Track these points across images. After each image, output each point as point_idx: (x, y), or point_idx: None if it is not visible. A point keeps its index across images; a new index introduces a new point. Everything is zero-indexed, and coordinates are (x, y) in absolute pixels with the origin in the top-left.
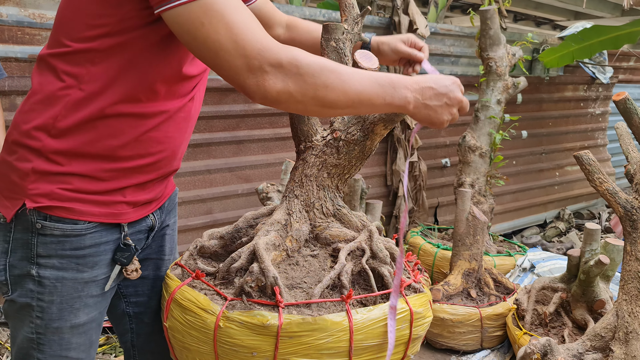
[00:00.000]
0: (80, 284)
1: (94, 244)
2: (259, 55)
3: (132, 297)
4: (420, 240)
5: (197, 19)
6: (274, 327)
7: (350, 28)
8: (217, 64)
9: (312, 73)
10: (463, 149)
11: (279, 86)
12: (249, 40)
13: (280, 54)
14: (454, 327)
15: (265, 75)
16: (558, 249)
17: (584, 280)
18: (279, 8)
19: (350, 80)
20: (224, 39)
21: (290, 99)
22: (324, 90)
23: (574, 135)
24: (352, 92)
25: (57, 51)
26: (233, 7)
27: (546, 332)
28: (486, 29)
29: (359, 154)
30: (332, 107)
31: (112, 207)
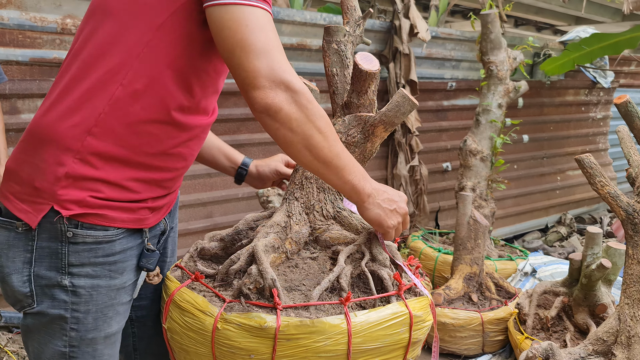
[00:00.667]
0: (113, 291)
1: (122, 250)
2: (283, 73)
3: (135, 301)
4: (422, 245)
5: (244, 20)
6: (272, 329)
7: (352, 30)
8: (241, 63)
9: (316, 113)
10: (464, 152)
11: (285, 107)
12: (279, 57)
13: (299, 83)
14: (455, 332)
15: (279, 92)
16: (560, 254)
17: (586, 284)
18: (279, 12)
19: (337, 142)
20: (261, 45)
21: (286, 124)
22: (317, 133)
23: (575, 140)
24: (335, 150)
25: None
26: (272, 29)
27: (548, 337)
28: (487, 32)
29: (359, 156)
30: (313, 152)
31: (137, 213)
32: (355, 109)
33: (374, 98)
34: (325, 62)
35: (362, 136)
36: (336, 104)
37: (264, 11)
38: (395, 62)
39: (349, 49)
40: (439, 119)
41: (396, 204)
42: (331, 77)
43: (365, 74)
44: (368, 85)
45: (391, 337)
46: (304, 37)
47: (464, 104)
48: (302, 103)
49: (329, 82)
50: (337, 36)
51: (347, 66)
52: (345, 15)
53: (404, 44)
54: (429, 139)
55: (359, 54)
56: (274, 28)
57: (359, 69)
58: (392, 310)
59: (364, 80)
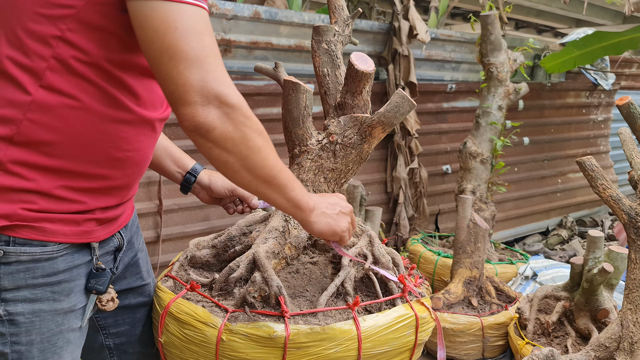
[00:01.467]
0: (59, 315)
1: (67, 268)
2: (218, 85)
3: (112, 328)
4: (421, 248)
5: (173, 21)
6: (281, 338)
7: (341, 30)
8: (169, 74)
9: (254, 130)
10: (464, 155)
11: (219, 126)
12: (215, 67)
13: (235, 96)
14: (455, 337)
15: (212, 108)
16: (560, 257)
17: (588, 289)
18: (277, 13)
19: (276, 160)
20: (193, 53)
21: (220, 143)
22: (256, 153)
23: (576, 142)
24: (277, 168)
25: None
26: (208, 30)
27: (549, 342)
28: (487, 34)
29: (356, 157)
30: (252, 172)
31: (83, 225)
32: (350, 109)
33: (369, 99)
34: (315, 62)
35: (359, 137)
36: (328, 104)
37: (198, 9)
38: (395, 64)
39: (339, 49)
40: (439, 121)
41: (339, 205)
42: (322, 77)
43: (360, 75)
44: (363, 86)
45: (399, 340)
46: (302, 39)
47: (463, 106)
48: (238, 120)
49: (319, 83)
50: (327, 36)
51: (338, 66)
52: (332, 14)
53: (403, 45)
54: (429, 142)
55: (354, 54)
56: (210, 31)
57: (354, 69)
58: (398, 312)
59: (359, 81)
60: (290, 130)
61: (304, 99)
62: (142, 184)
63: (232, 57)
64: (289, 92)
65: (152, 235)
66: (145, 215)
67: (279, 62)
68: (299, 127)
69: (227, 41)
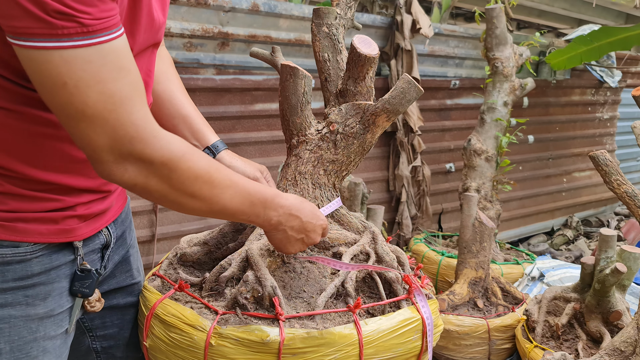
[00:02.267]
0: (33, 321)
1: (44, 270)
2: (130, 144)
3: (99, 331)
4: (424, 248)
5: (58, 76)
6: (275, 343)
7: (343, 13)
8: (73, 132)
9: (183, 181)
10: (468, 152)
11: (140, 181)
12: (124, 122)
13: (154, 152)
14: (460, 339)
15: (128, 165)
16: (566, 257)
17: (599, 290)
18: (276, 6)
19: (221, 194)
20: (92, 111)
21: (146, 195)
22: (188, 199)
23: (581, 141)
24: (217, 207)
25: None
26: (115, 70)
27: (558, 345)
28: (492, 28)
29: (358, 148)
30: (188, 212)
31: (62, 223)
32: (352, 97)
33: (372, 85)
34: (315, 47)
35: (362, 126)
36: (329, 92)
37: (96, 48)
38: (397, 59)
39: (340, 32)
40: (442, 118)
41: (306, 234)
42: (322, 63)
43: (364, 59)
44: (366, 71)
45: (404, 345)
46: (302, 33)
47: (467, 103)
48: (162, 174)
49: (319, 69)
50: (328, 19)
51: (340, 51)
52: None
53: (405, 40)
54: (432, 139)
55: (357, 36)
56: (116, 67)
57: (357, 53)
58: (403, 316)
59: (362, 66)
60: (288, 119)
61: (302, 85)
62: None
63: (230, 51)
64: (287, 78)
65: (147, 234)
66: (140, 214)
67: (276, 47)
68: (297, 116)
69: (225, 34)
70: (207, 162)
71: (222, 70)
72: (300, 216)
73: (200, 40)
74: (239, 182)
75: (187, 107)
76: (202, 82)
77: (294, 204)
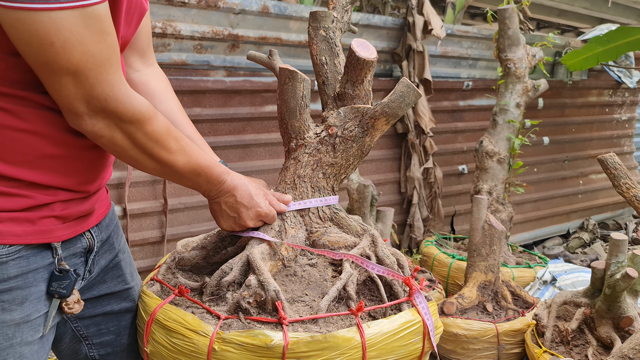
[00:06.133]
0: (10, 327)
1: (21, 273)
2: (105, 101)
3: (95, 338)
4: (435, 250)
5: (47, 36)
6: (279, 347)
7: (339, 16)
8: (52, 86)
9: (145, 141)
10: (480, 154)
11: (107, 134)
12: (102, 80)
13: (125, 110)
14: (468, 344)
15: (99, 119)
16: (582, 261)
17: (610, 295)
18: (287, 7)
19: (175, 161)
20: (74, 67)
21: (109, 148)
22: (145, 158)
23: (598, 142)
24: (168, 170)
25: None
26: (97, 32)
27: (568, 351)
28: (505, 28)
29: (357, 151)
30: (142, 169)
31: (39, 224)
32: (350, 100)
33: (370, 88)
34: (312, 50)
35: (361, 130)
36: (327, 95)
37: (80, 11)
38: (409, 61)
39: (337, 36)
40: (455, 120)
41: (238, 214)
42: (320, 66)
43: (362, 63)
44: (364, 75)
45: (405, 347)
46: None
47: (481, 104)
48: (128, 130)
49: (317, 72)
50: (325, 22)
51: (337, 54)
52: (330, 0)
53: (417, 41)
54: (444, 141)
55: (355, 40)
56: (101, 30)
57: (355, 56)
58: (405, 318)
59: (361, 69)
60: (287, 122)
61: (301, 89)
62: (147, 182)
63: (240, 53)
64: (286, 81)
65: (157, 235)
66: (150, 215)
67: (274, 50)
68: (296, 119)
69: (235, 36)
70: (168, 129)
71: (232, 72)
72: (235, 195)
73: (211, 43)
74: (192, 154)
75: (188, 128)
76: (213, 84)
77: (235, 184)
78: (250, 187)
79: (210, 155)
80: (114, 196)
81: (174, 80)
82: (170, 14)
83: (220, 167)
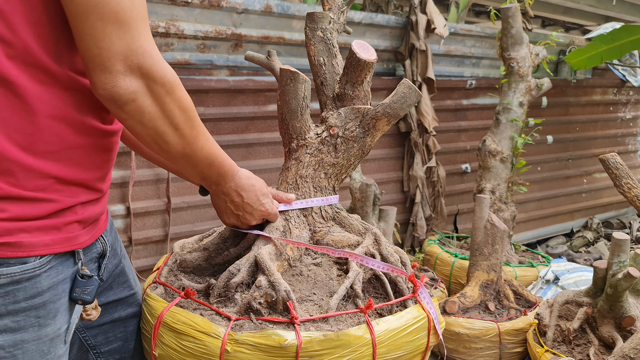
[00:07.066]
0: (45, 343)
1: (52, 285)
2: (143, 55)
3: (103, 347)
4: (438, 249)
5: None
6: (293, 347)
7: (335, 17)
8: (94, 35)
9: (175, 107)
10: (483, 153)
11: (139, 99)
12: (144, 33)
13: (161, 68)
14: (470, 343)
15: (134, 79)
16: (585, 260)
17: (612, 295)
18: (290, 7)
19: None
20: (124, 15)
21: (136, 117)
22: (172, 131)
23: (602, 141)
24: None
25: None
26: None
27: (570, 350)
28: (508, 27)
29: (358, 151)
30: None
31: (65, 230)
32: (350, 100)
33: (369, 89)
34: (310, 51)
35: (362, 130)
36: (325, 95)
37: None
38: (412, 59)
39: (334, 37)
40: (458, 119)
41: (243, 212)
42: (318, 67)
43: (362, 64)
44: (364, 76)
45: (412, 343)
46: None
47: (484, 103)
48: (159, 94)
49: (315, 73)
50: (322, 23)
51: (335, 55)
52: (326, 1)
53: (420, 40)
54: (447, 140)
55: (355, 42)
56: None
57: (355, 57)
58: (411, 314)
59: (361, 70)
60: (288, 123)
61: (302, 90)
62: (150, 181)
63: (243, 52)
64: (287, 82)
65: (160, 234)
66: (154, 214)
67: (272, 51)
68: (297, 120)
69: (238, 36)
70: (192, 102)
71: (236, 72)
72: (243, 195)
73: (214, 42)
74: (209, 139)
75: None
76: (216, 83)
77: (243, 185)
78: (257, 188)
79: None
80: (118, 195)
81: None
82: (174, 14)
83: (231, 162)
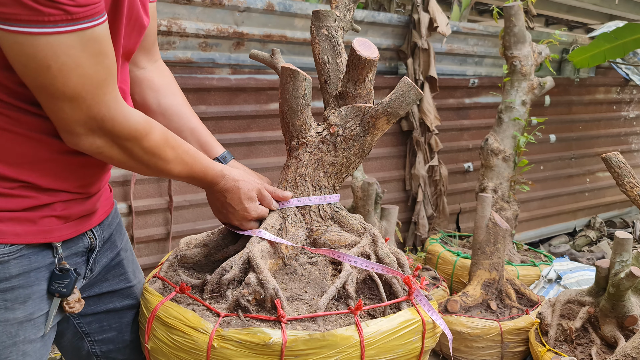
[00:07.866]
0: (13, 326)
1: (22, 272)
2: (102, 121)
3: (98, 335)
4: (440, 248)
5: (44, 59)
6: (278, 345)
7: (342, 15)
8: (50, 107)
9: (142, 155)
10: (485, 152)
11: (105, 151)
12: (99, 101)
13: (122, 129)
14: (472, 342)
15: (97, 138)
16: (588, 259)
17: (614, 294)
18: (292, 5)
19: (172, 169)
20: (71, 91)
21: (107, 161)
22: (143, 167)
23: (605, 140)
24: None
25: None
26: (95, 54)
27: (572, 350)
28: (510, 26)
29: (358, 150)
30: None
31: (40, 224)
32: (352, 99)
33: (372, 87)
34: (315, 49)
35: (362, 129)
36: (329, 94)
37: (78, 35)
38: (414, 58)
39: (340, 35)
40: (460, 117)
41: (226, 212)
42: (322, 65)
43: (363, 62)
44: (366, 74)
45: (404, 347)
46: None
47: (487, 101)
48: (126, 147)
49: (319, 71)
50: (328, 21)
51: (339, 53)
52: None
53: (422, 38)
54: (450, 138)
55: (357, 39)
56: (95, 52)
57: (356, 56)
58: (404, 317)
59: (362, 69)
60: (288, 122)
61: (302, 88)
62: (152, 179)
63: (245, 51)
64: (287, 81)
65: (162, 232)
66: (155, 212)
67: (276, 49)
68: (297, 118)
69: (240, 34)
70: (165, 139)
71: (237, 70)
72: (226, 197)
73: (216, 40)
74: (188, 161)
75: (193, 120)
76: (217, 82)
77: (227, 187)
78: (241, 192)
79: (214, 147)
80: (120, 193)
81: (179, 78)
82: (176, 12)
83: (215, 170)
